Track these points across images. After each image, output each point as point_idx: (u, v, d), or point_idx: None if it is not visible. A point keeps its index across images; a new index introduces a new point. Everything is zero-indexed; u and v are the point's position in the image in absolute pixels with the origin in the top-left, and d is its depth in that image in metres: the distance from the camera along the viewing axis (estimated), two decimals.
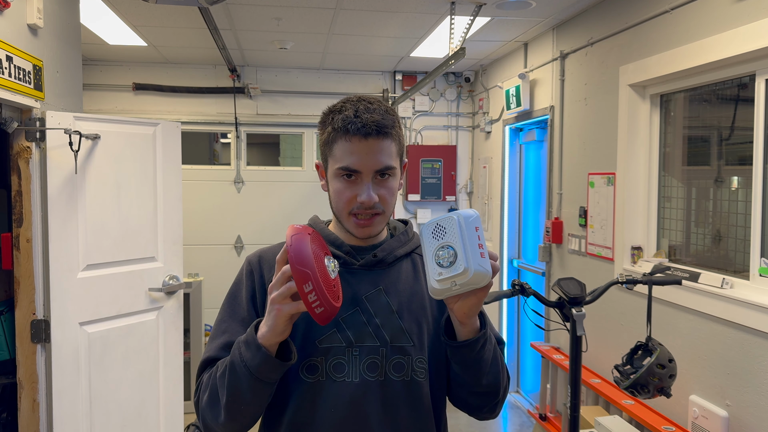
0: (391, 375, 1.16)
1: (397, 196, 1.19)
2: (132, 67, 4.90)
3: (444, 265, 1.02)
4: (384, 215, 1.17)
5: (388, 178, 1.15)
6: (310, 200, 5.18)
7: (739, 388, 2.30)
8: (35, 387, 2.54)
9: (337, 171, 1.13)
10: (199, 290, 4.27)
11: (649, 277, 2.19)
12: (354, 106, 1.13)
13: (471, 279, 1.01)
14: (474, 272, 1.01)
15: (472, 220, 1.04)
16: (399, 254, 1.23)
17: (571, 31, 3.61)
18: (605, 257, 3.19)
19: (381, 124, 1.11)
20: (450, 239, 1.03)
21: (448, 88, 5.31)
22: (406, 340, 1.17)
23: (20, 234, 2.49)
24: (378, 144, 1.11)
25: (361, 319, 1.16)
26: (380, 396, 1.15)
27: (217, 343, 1.17)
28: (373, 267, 1.20)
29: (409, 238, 1.28)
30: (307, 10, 3.46)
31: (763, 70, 2.28)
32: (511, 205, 4.64)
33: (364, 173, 1.12)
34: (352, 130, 1.10)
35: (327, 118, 1.16)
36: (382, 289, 1.19)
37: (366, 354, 1.15)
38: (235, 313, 1.19)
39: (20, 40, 2.35)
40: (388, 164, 1.13)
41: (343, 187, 1.14)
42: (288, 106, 5.14)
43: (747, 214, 2.39)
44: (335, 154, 1.14)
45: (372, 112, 1.12)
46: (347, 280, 1.18)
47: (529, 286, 2.02)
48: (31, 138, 2.47)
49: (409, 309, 1.19)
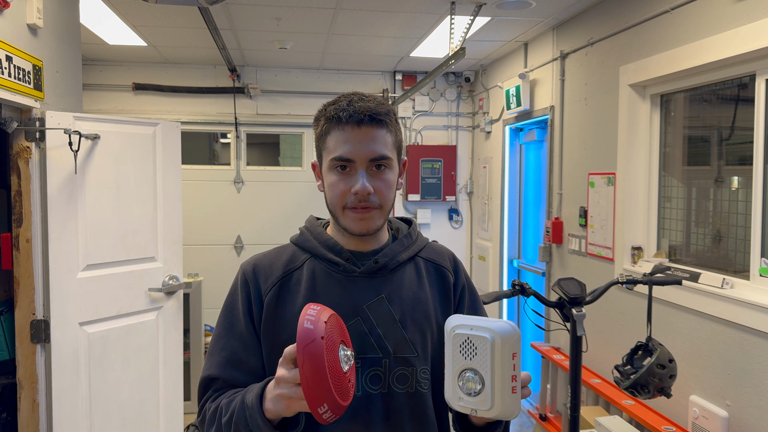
0: (395, 387, 1.12)
1: (395, 191, 1.15)
2: (132, 67, 4.90)
3: (468, 393, 0.90)
4: (381, 210, 1.12)
5: (384, 170, 1.11)
6: (310, 200, 5.18)
7: (739, 388, 2.29)
8: (35, 387, 2.54)
9: (331, 163, 1.10)
10: (199, 290, 4.26)
11: (650, 277, 2.19)
12: (347, 98, 1.12)
13: (497, 416, 0.89)
14: (501, 411, 0.88)
15: (511, 344, 0.88)
16: (402, 259, 1.18)
17: (571, 31, 3.60)
18: (605, 257, 3.19)
19: (375, 111, 1.09)
20: (479, 365, 0.88)
21: (448, 88, 5.31)
22: (410, 351, 1.13)
23: (20, 234, 2.49)
24: (372, 132, 1.09)
25: (362, 329, 1.12)
26: (383, 409, 1.11)
27: (216, 360, 1.14)
28: (374, 274, 1.15)
29: (412, 240, 1.23)
30: (307, 10, 3.46)
31: (763, 70, 2.28)
32: (511, 205, 4.64)
33: (358, 162, 1.08)
34: (345, 118, 1.08)
35: (321, 113, 1.14)
36: (384, 298, 1.14)
37: (368, 366, 1.11)
38: (233, 328, 1.15)
39: (20, 40, 2.35)
40: (382, 153, 1.09)
41: (337, 180, 1.10)
42: (288, 106, 5.14)
43: (747, 214, 2.39)
44: (329, 146, 1.11)
45: (365, 101, 1.10)
46: (348, 288, 1.14)
47: (529, 286, 2.03)
48: (30, 138, 2.47)
49: (413, 318, 1.15)
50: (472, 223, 5.40)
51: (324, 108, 1.14)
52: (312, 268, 1.17)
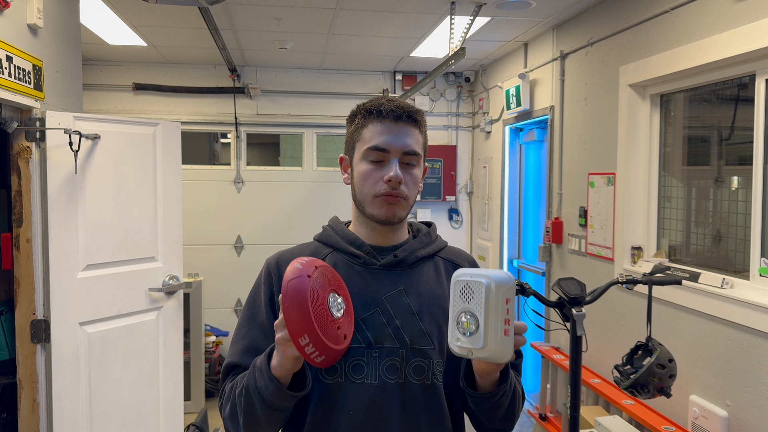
0: (411, 378, 1.15)
1: (418, 188, 1.22)
2: (132, 67, 4.90)
3: (464, 333, 0.97)
4: (407, 202, 1.18)
5: (413, 166, 1.18)
6: (310, 200, 5.18)
7: (739, 388, 2.30)
8: (35, 387, 2.54)
9: (366, 152, 1.17)
10: (199, 290, 4.27)
11: (649, 277, 2.18)
12: (385, 97, 1.21)
13: (489, 356, 0.96)
14: (492, 351, 0.95)
15: (505, 290, 0.96)
16: (421, 255, 1.23)
17: (571, 31, 3.61)
18: (605, 257, 3.19)
19: (412, 110, 1.19)
20: (475, 307, 0.96)
21: (448, 88, 5.31)
22: (427, 343, 1.16)
23: (20, 234, 2.49)
24: (407, 128, 1.18)
25: (380, 319, 1.16)
26: (399, 399, 1.14)
27: (238, 348, 1.20)
28: (393, 267, 1.20)
29: (431, 239, 1.27)
30: (307, 10, 3.46)
31: (763, 70, 2.28)
32: (511, 205, 4.64)
33: (392, 152, 1.16)
34: (385, 112, 1.17)
35: (357, 110, 1.22)
36: (402, 290, 1.18)
37: (385, 356, 1.15)
38: (255, 318, 1.20)
39: (20, 40, 2.35)
40: (415, 149, 1.17)
41: (371, 169, 1.17)
42: (288, 106, 5.14)
43: (747, 214, 2.39)
44: (364, 137, 1.18)
45: (402, 102, 1.20)
46: (367, 280, 1.18)
47: (529, 286, 2.02)
48: (31, 138, 2.47)
49: (430, 311, 1.18)
50: (472, 223, 5.40)
51: (362, 105, 1.22)
52: (333, 260, 1.22)
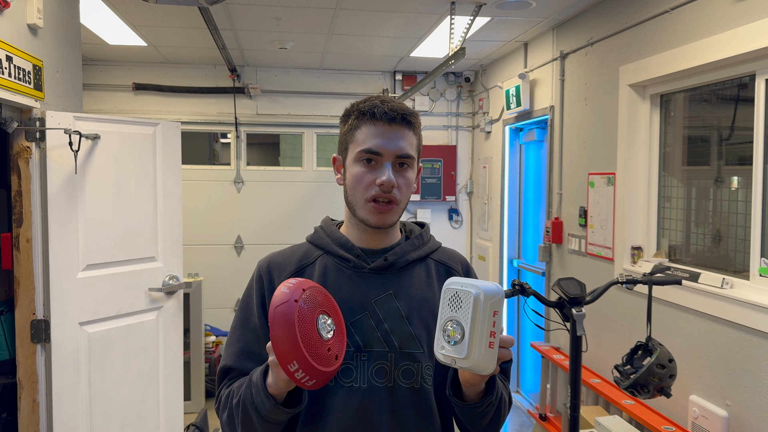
0: (400, 381, 1.15)
1: (412, 191, 1.20)
2: (132, 67, 4.90)
3: (449, 342, 0.97)
4: (399, 206, 1.17)
5: (407, 169, 1.17)
6: (310, 200, 5.18)
7: (739, 388, 2.29)
8: (35, 387, 2.54)
9: (359, 154, 1.15)
10: (199, 290, 4.26)
11: (649, 277, 2.19)
12: (379, 98, 1.19)
13: (471, 366, 0.96)
14: (475, 362, 0.95)
15: (493, 302, 0.96)
16: (411, 258, 1.22)
17: (571, 31, 3.61)
18: (605, 257, 3.19)
19: (406, 112, 1.17)
20: (462, 316, 0.96)
21: (448, 88, 5.31)
22: (416, 347, 1.16)
23: (20, 234, 2.49)
24: (401, 130, 1.16)
25: (369, 323, 1.15)
26: (388, 403, 1.14)
27: (231, 351, 1.20)
28: (383, 271, 1.19)
29: (423, 242, 1.26)
30: (307, 10, 3.46)
31: (763, 70, 2.28)
32: (511, 205, 4.64)
33: (386, 156, 1.14)
34: (379, 114, 1.14)
35: (351, 110, 1.19)
36: (392, 294, 1.18)
37: (374, 359, 1.14)
38: (247, 321, 1.21)
39: (20, 40, 2.35)
40: (408, 152, 1.16)
41: (363, 172, 1.15)
42: (288, 106, 5.14)
43: (747, 214, 2.39)
44: (357, 139, 1.16)
45: (397, 103, 1.18)
46: (357, 283, 1.18)
47: (529, 286, 2.02)
48: (31, 138, 2.47)
49: (420, 315, 1.18)
50: (472, 223, 5.40)
51: (355, 105, 1.19)
52: (324, 263, 1.21)
